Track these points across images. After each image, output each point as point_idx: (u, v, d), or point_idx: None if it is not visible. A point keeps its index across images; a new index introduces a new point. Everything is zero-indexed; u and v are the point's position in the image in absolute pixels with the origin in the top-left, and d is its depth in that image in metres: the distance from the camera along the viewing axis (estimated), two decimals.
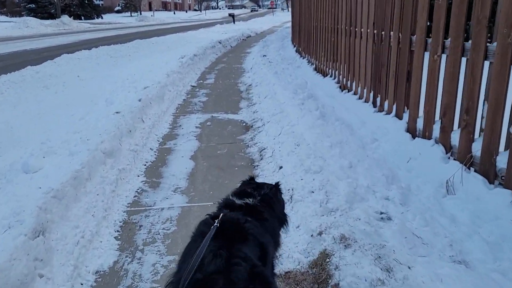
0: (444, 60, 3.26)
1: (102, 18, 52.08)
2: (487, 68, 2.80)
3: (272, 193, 1.98)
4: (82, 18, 47.17)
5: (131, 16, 58.87)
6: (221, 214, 1.62)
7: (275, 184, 2.10)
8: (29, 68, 9.68)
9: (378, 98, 4.76)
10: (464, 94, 3.02)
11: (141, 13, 58.13)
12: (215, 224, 1.53)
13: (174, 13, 77.49)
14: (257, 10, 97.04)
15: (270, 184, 2.10)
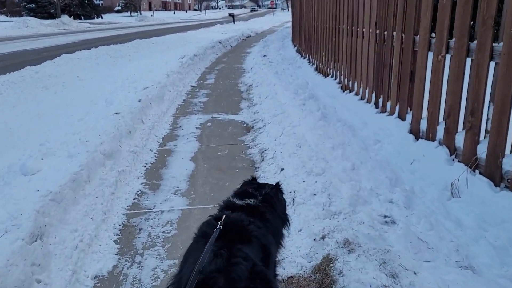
0: (448, 60, 3.22)
1: (102, 18, 52.04)
2: (492, 69, 2.77)
3: (273, 193, 1.96)
4: (82, 18, 47.13)
5: (131, 16, 58.80)
6: (223, 216, 1.60)
7: (276, 184, 2.08)
8: (28, 68, 9.64)
9: (380, 99, 4.71)
10: (469, 95, 2.98)
11: (141, 13, 58.04)
12: (218, 227, 1.51)
13: (174, 13, 77.42)
14: (257, 10, 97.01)
15: (271, 184, 2.07)
